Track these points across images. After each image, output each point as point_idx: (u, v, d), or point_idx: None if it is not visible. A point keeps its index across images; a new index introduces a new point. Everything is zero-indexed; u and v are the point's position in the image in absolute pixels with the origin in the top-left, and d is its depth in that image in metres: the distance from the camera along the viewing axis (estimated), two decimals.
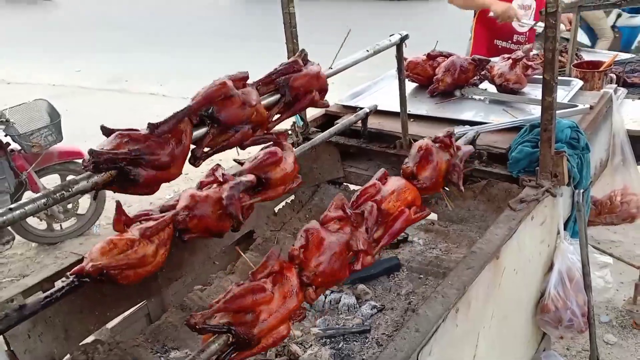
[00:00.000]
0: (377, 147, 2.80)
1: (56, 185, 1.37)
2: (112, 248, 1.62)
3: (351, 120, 2.66)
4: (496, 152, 2.51)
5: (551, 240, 2.47)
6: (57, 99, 6.26)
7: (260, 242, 2.63)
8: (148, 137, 1.48)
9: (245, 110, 1.77)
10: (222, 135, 1.75)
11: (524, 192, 2.26)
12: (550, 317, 2.36)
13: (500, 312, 2.08)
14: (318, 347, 2.05)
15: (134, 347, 2.06)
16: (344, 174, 2.98)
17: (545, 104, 2.26)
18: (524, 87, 3.13)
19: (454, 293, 1.68)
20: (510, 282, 2.09)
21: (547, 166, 2.31)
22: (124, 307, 2.14)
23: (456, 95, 3.12)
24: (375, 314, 2.20)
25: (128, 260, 1.62)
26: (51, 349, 1.85)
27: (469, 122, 2.75)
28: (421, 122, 2.86)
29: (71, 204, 5.07)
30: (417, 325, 1.56)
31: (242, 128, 1.78)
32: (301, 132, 2.85)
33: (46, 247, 5.08)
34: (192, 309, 2.26)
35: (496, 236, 1.96)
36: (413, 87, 3.29)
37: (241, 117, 1.76)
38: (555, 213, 2.44)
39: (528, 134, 2.49)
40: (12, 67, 10.87)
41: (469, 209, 2.62)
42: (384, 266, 2.40)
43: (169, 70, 10.15)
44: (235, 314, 1.35)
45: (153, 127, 1.50)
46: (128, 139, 1.47)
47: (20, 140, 4.68)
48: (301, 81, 1.98)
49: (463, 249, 2.46)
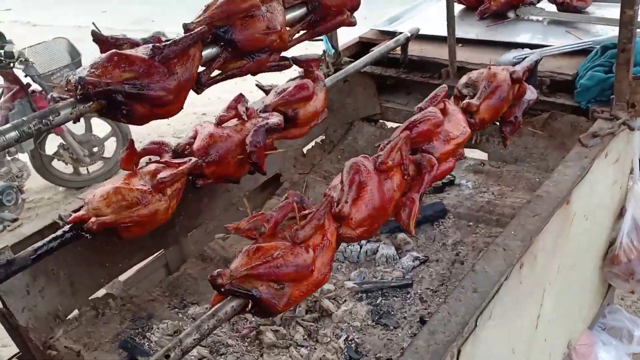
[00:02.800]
0: (419, 77, 2.51)
1: (31, 115, 1.11)
2: (120, 199, 1.37)
3: (389, 46, 2.32)
4: (560, 79, 2.17)
5: (623, 182, 2.15)
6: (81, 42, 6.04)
7: (288, 186, 2.38)
8: (149, 64, 1.20)
9: (268, 36, 1.46)
10: (235, 60, 1.46)
11: (596, 125, 1.93)
12: (621, 269, 2.07)
13: (567, 265, 1.79)
14: (353, 302, 1.83)
15: (149, 302, 1.87)
16: (380, 109, 2.68)
17: (625, 18, 1.90)
18: (589, 6, 2.73)
19: (517, 245, 1.40)
20: (579, 230, 1.80)
21: (624, 94, 1.98)
22: (139, 257, 1.94)
23: (510, 17, 2.76)
24: (417, 266, 1.95)
25: (138, 217, 1.38)
26: (55, 304, 1.66)
27: (527, 45, 2.38)
28: (471, 47, 2.53)
29: (96, 147, 4.93)
30: (475, 285, 1.29)
31: (260, 56, 1.48)
32: (332, 61, 2.52)
33: (74, 192, 4.97)
34: (213, 260, 2.05)
35: (566, 177, 1.66)
36: (460, 10, 2.91)
37: (261, 43, 1.46)
38: (629, 149, 2.12)
39: (599, 57, 2.14)
40: (39, 10, 10.68)
41: (526, 146, 2.29)
42: (427, 212, 2.12)
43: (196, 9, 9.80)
44: (266, 282, 1.08)
45: (157, 52, 1.21)
46: (125, 64, 1.19)
47: (41, 80, 4.51)
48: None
49: (520, 193, 2.16)
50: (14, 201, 4.15)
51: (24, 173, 4.53)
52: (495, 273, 1.33)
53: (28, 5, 11.08)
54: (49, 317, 1.64)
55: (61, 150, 4.75)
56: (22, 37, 5.41)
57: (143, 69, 1.16)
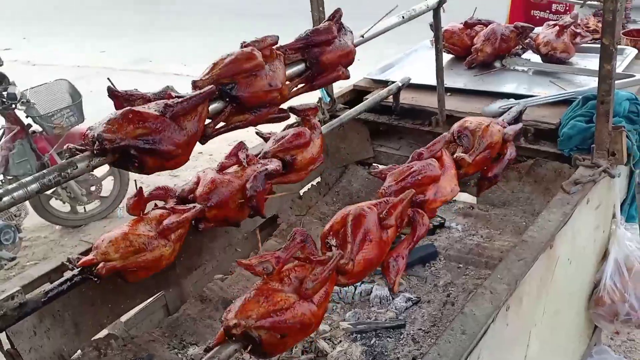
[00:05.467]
0: (410, 124, 2.60)
1: (52, 168, 1.20)
2: (127, 245, 1.47)
3: (382, 94, 2.45)
4: (544, 128, 2.28)
5: (606, 226, 2.24)
6: (81, 80, 6.15)
7: (285, 227, 2.45)
8: (161, 120, 1.29)
9: (270, 93, 1.57)
10: (238, 114, 1.57)
11: (577, 172, 2.03)
12: (605, 310, 2.14)
13: (552, 307, 1.87)
14: (348, 343, 1.88)
15: (149, 342, 1.92)
16: (373, 153, 2.77)
17: (603, 72, 2.02)
18: (572, 57, 2.88)
19: (504, 288, 1.48)
20: (563, 273, 1.88)
21: (604, 143, 2.08)
22: (140, 298, 1.99)
23: (496, 67, 2.88)
24: (410, 307, 2.01)
25: (144, 262, 1.48)
26: (59, 345, 1.71)
27: (512, 95, 2.50)
28: (459, 96, 2.64)
29: (94, 186, 4.98)
30: (463, 327, 1.36)
31: (261, 111, 1.59)
32: (328, 108, 2.64)
33: (70, 230, 5.01)
34: (212, 301, 2.10)
35: (549, 222, 1.74)
36: (448, 59, 3.05)
37: (264, 99, 1.57)
38: (611, 195, 2.21)
39: (581, 108, 2.25)
40: (38, 49, 10.86)
41: (513, 191, 2.39)
42: (419, 254, 2.20)
43: (193, 50, 9.99)
44: (271, 331, 1.17)
45: (168, 109, 1.31)
46: (139, 121, 1.28)
47: (42, 121, 4.58)
48: (332, 57, 1.78)
49: (507, 236, 2.25)
50: (12, 240, 4.17)
51: (22, 212, 4.56)
52: (483, 315, 1.41)
53: (28, 45, 11.25)
54: (54, 357, 1.68)
55: (59, 189, 4.80)
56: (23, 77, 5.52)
57: (155, 126, 1.25)
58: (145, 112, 1.26)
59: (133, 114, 1.25)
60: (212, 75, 1.45)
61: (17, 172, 4.48)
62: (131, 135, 1.22)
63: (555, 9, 4.18)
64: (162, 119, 1.27)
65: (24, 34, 12.07)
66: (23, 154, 4.54)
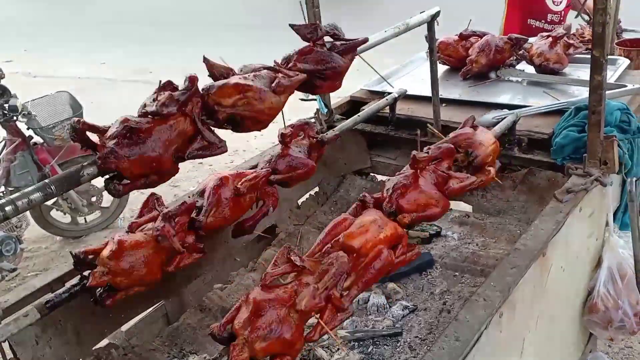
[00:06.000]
0: (407, 135, 2.63)
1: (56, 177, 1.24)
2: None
3: (379, 105, 2.49)
4: (538, 137, 2.32)
5: (599, 234, 2.26)
6: (81, 92, 6.19)
7: (284, 237, 2.48)
8: None
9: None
10: None
11: (570, 181, 2.07)
12: (599, 317, 2.16)
13: (546, 314, 1.89)
14: (346, 351, 1.90)
15: (150, 352, 1.94)
16: (370, 163, 2.81)
17: (594, 83, 2.06)
18: (565, 67, 2.92)
19: (497, 296, 1.51)
20: (557, 280, 1.91)
21: (596, 152, 2.12)
22: (140, 308, 2.02)
23: (491, 78, 2.93)
24: (407, 315, 2.03)
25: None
26: (61, 354, 1.74)
27: (506, 105, 2.54)
28: (454, 106, 2.68)
29: (95, 197, 5.02)
30: (457, 333, 1.39)
31: None
32: (325, 119, 2.68)
33: (71, 241, 5.04)
34: (211, 310, 2.13)
35: (542, 231, 1.77)
36: (444, 70, 3.10)
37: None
38: (604, 204, 2.24)
39: (573, 118, 2.29)
40: (39, 61, 10.93)
41: (508, 199, 2.42)
42: (416, 263, 2.22)
43: (194, 61, 10.06)
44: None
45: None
46: None
47: (43, 133, 4.63)
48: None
49: (502, 244, 2.27)
50: (13, 251, 4.19)
51: (23, 223, 4.60)
52: (476, 322, 1.44)
53: (29, 57, 11.32)
54: None
55: (60, 200, 4.84)
56: (24, 89, 5.57)
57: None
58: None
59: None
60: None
61: (18, 183, 4.51)
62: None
63: (551, 19, 4.22)
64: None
65: (25, 46, 12.16)
66: (24, 165, 4.58)
